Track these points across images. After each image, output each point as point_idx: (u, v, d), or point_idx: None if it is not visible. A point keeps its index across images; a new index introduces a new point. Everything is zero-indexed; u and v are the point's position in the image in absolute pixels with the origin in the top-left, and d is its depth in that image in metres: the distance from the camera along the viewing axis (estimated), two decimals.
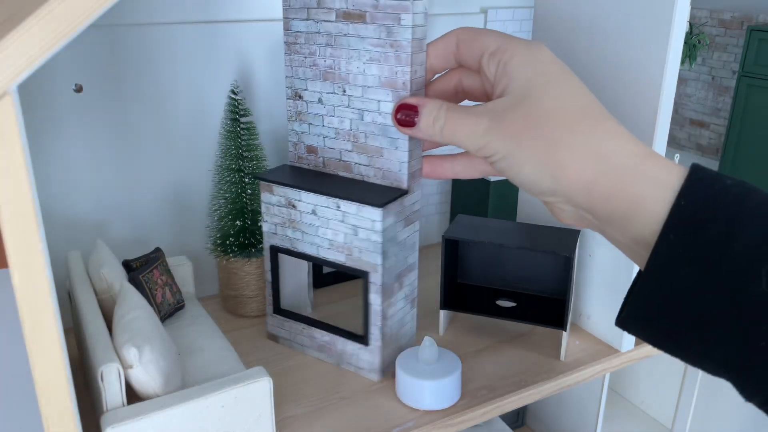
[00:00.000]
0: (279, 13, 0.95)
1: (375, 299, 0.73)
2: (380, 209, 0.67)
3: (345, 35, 0.68)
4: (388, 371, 0.79)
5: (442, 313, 0.84)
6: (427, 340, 0.67)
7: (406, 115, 0.52)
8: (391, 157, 0.69)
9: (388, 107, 0.66)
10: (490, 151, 0.47)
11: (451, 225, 0.83)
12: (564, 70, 0.47)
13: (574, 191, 0.43)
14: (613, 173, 0.42)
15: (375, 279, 0.72)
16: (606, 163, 0.43)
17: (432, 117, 0.50)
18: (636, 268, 0.82)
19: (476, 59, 0.53)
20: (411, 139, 0.66)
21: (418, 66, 0.66)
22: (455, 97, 0.61)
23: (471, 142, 0.49)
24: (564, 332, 0.72)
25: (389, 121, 0.66)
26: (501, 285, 0.84)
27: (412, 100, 0.53)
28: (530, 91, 0.45)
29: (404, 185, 0.70)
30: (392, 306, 0.76)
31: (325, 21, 0.69)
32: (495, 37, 0.52)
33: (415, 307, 0.83)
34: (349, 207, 0.70)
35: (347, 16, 0.68)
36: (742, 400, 0.39)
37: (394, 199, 0.68)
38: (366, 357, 0.77)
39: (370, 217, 0.68)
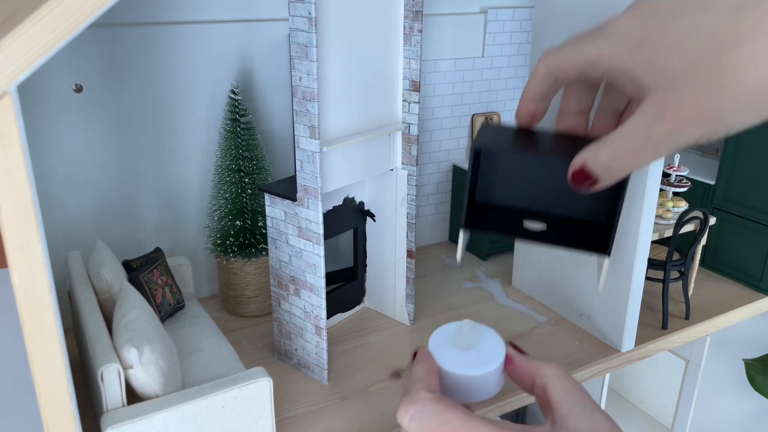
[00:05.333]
0: (279, 13, 0.95)
1: None
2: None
3: None
4: None
5: (462, 235, 0.63)
6: (467, 324, 0.56)
7: (581, 180, 0.42)
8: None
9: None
10: (691, 141, 0.37)
11: (479, 135, 0.62)
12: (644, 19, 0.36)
13: None
14: None
15: None
16: None
17: (602, 162, 0.40)
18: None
19: (578, 77, 0.42)
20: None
21: (304, 74, 0.67)
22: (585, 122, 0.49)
23: (660, 151, 0.38)
24: (607, 258, 0.60)
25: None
26: (531, 206, 0.65)
27: (574, 166, 0.42)
28: (665, 75, 0.35)
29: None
30: None
31: None
32: (576, 50, 0.41)
33: None
34: None
35: None
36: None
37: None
38: None
39: None
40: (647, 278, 0.90)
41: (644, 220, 0.80)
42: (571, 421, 0.37)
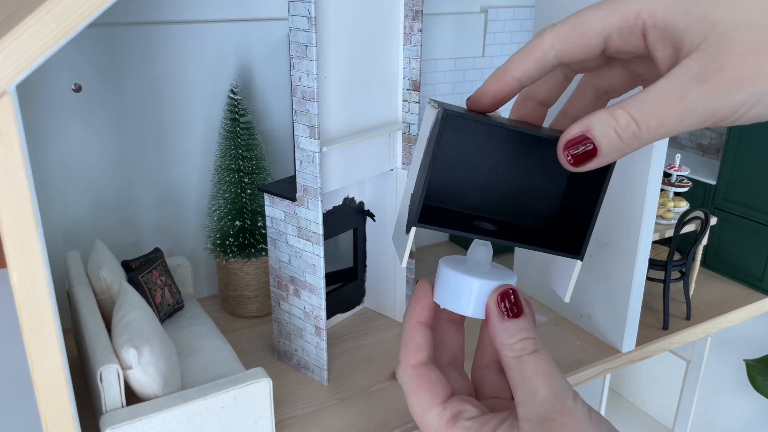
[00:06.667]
0: (279, 12, 0.95)
1: None
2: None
3: None
4: None
5: (412, 234, 0.48)
6: (480, 240, 0.50)
7: (576, 151, 0.36)
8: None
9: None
10: (730, 109, 0.32)
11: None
12: None
13: None
14: None
15: None
16: None
17: (613, 129, 0.34)
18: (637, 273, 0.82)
19: (596, 50, 0.37)
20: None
21: (304, 74, 0.67)
22: (597, 106, 0.43)
23: (692, 118, 0.33)
24: (579, 262, 0.47)
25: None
26: (495, 196, 0.53)
27: (573, 131, 0.35)
28: (716, 27, 0.31)
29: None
30: None
31: None
32: (606, 11, 0.36)
33: None
34: None
35: None
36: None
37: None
38: None
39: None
40: (648, 279, 0.90)
41: (645, 220, 0.80)
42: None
